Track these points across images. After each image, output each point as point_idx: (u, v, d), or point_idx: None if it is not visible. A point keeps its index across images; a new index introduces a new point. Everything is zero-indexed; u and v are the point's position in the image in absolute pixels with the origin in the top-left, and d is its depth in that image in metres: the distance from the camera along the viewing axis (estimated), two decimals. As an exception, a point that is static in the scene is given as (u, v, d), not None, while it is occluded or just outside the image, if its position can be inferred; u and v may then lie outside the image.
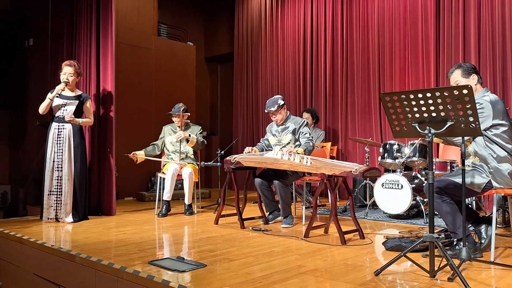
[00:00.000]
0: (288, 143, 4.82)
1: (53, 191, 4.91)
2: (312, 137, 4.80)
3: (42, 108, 4.98)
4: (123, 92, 7.54)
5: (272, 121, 4.98)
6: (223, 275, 2.76)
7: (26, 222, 4.91)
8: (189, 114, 5.74)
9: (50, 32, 6.70)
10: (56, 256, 3.53)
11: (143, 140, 7.09)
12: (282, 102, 4.79)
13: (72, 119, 4.92)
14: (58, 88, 4.92)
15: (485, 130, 3.17)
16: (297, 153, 4.38)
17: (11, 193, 7.73)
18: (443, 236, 3.51)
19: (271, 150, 4.98)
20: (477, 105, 3.16)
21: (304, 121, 4.85)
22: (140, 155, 5.55)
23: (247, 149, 4.81)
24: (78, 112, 5.05)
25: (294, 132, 4.81)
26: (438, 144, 5.71)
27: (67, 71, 4.99)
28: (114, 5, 5.52)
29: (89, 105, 5.16)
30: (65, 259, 3.43)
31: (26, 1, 7.56)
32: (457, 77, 3.34)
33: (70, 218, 4.89)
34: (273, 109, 4.77)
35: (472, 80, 3.31)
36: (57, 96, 4.96)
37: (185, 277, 2.73)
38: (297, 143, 4.80)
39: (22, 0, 7.64)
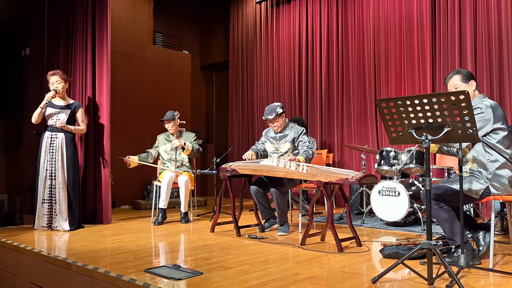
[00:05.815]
0: (286, 152, 4.80)
1: (46, 199, 4.92)
2: (311, 145, 4.79)
3: (34, 117, 5.02)
4: (119, 101, 7.55)
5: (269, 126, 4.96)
6: (219, 283, 2.74)
7: (22, 231, 4.88)
8: (180, 121, 5.73)
9: (46, 42, 6.69)
10: (53, 264, 3.50)
11: (139, 148, 7.04)
12: (280, 111, 4.77)
13: (63, 125, 4.95)
14: (48, 95, 4.98)
15: (485, 135, 3.17)
16: (298, 161, 4.36)
17: (8, 202, 7.68)
18: (441, 243, 3.50)
19: (266, 154, 4.97)
20: (477, 109, 3.16)
21: (303, 129, 4.82)
22: (134, 159, 5.56)
23: (246, 155, 4.80)
24: (71, 121, 5.10)
25: (293, 141, 4.79)
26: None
27: (54, 80, 5.05)
28: (110, 14, 5.55)
29: (81, 113, 5.20)
30: (61, 267, 3.41)
31: (22, 11, 7.55)
32: (456, 82, 3.34)
33: (66, 226, 4.89)
34: (270, 117, 4.76)
35: (471, 86, 3.32)
36: (49, 106, 5.01)
37: (181, 285, 2.71)
38: (296, 151, 4.78)
39: (18, 10, 7.64)
